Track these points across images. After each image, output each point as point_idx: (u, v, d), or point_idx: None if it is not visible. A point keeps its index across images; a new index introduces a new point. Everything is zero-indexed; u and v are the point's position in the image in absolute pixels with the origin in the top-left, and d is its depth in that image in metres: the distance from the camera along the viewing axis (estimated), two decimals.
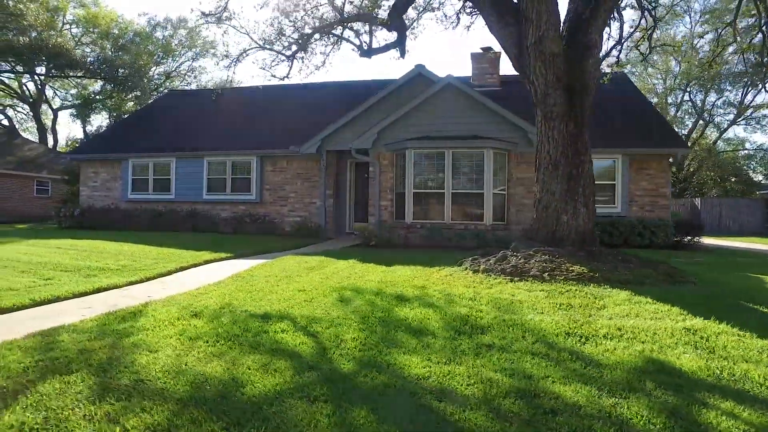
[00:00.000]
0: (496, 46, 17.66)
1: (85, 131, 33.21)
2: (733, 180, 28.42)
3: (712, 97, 28.41)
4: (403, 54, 11.90)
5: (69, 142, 32.45)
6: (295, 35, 11.90)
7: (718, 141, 30.45)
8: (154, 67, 28.85)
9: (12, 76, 26.96)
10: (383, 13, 11.77)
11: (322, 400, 2.80)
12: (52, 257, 8.46)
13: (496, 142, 12.65)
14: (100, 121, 33.69)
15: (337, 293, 5.82)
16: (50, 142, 31.16)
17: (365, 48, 12.28)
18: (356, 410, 2.68)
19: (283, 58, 12.95)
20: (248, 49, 12.55)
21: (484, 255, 7.16)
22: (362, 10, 11.36)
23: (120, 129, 19.62)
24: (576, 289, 5.49)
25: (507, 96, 15.15)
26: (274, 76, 13.41)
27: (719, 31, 13.20)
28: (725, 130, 29.94)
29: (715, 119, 29.62)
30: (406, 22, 12.19)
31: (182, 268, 8.09)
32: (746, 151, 30.84)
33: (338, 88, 18.23)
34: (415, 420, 2.61)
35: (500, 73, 17.64)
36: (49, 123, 31.89)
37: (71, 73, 25.86)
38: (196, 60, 31.14)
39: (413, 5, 11.08)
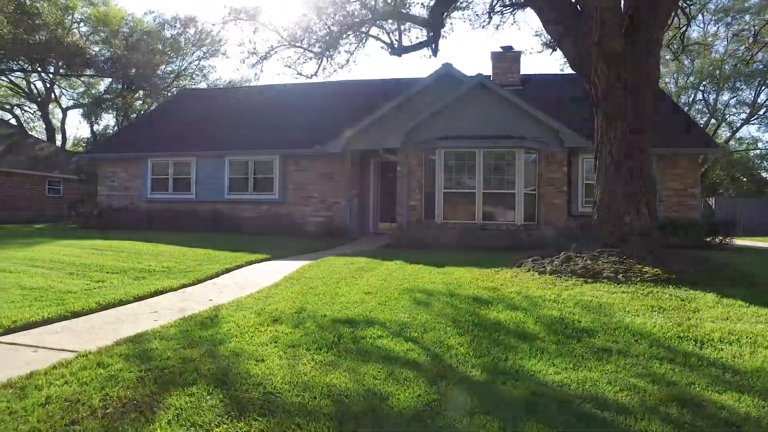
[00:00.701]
0: (517, 46, 17.53)
1: (93, 131, 32.92)
2: (744, 180, 28.39)
3: (725, 96, 28.44)
4: (435, 53, 11.77)
5: (77, 142, 32.19)
6: (324, 32, 11.70)
7: (731, 140, 30.44)
8: (163, 66, 28.59)
9: (21, 75, 26.70)
10: (416, 11, 11.62)
11: (480, 412, 2.64)
12: (92, 258, 8.27)
13: (527, 142, 12.52)
14: (107, 120, 33.53)
15: (408, 296, 5.66)
16: (58, 141, 30.85)
17: (396, 46, 12.10)
18: (525, 424, 2.52)
19: (311, 55, 12.77)
20: (277, 47, 12.37)
21: (543, 255, 7.02)
22: (395, 8, 11.19)
23: (136, 128, 19.40)
24: (658, 291, 5.36)
25: (527, 95, 15.01)
26: (301, 74, 13.25)
27: (756, 28, 13.06)
28: (738, 129, 29.97)
29: (728, 118, 29.62)
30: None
31: (227, 270, 7.91)
32: (759, 151, 30.84)
33: (360, 86, 18.05)
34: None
35: (521, 72, 17.57)
36: (56, 122, 31.65)
37: (85, 72, 25.57)
38: (207, 59, 30.96)
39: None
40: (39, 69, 24.30)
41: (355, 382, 3.09)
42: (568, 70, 28.34)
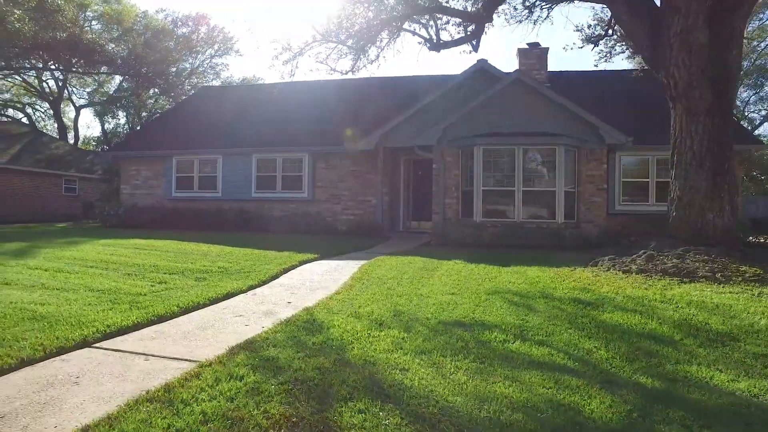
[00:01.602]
0: (544, 42, 17.25)
1: (104, 129, 32.54)
2: (762, 178, 28.16)
3: (746, 93, 28.11)
4: (476, 48, 11.55)
5: (86, 140, 31.83)
6: (363, 27, 11.43)
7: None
8: (177, 64, 28.21)
9: (33, 73, 26.31)
10: (456, 4, 11.34)
11: (678, 423, 2.39)
12: (142, 258, 7.99)
13: (567, 139, 12.25)
14: (118, 119, 33.12)
15: (498, 297, 5.41)
16: (70, 140, 30.47)
17: (434, 41, 11.82)
18: None
19: (345, 51, 12.51)
20: (312, 42, 12.08)
21: (618, 254, 6.76)
22: (436, 2, 10.91)
23: (158, 126, 19.09)
24: None
25: (556, 92, 14.75)
26: (335, 70, 13.00)
27: None
28: (758, 125, 29.63)
29: (748, 116, 29.31)
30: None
31: (284, 270, 7.64)
32: None
33: (389, 83, 17.74)
34: None
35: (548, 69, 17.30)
36: (67, 121, 31.23)
37: (101, 70, 25.22)
38: (219, 57, 30.57)
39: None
40: (57, 67, 23.93)
41: (528, 391, 2.84)
42: (602, 66, 27.92)
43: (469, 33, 11.43)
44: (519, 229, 12.11)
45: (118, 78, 31.24)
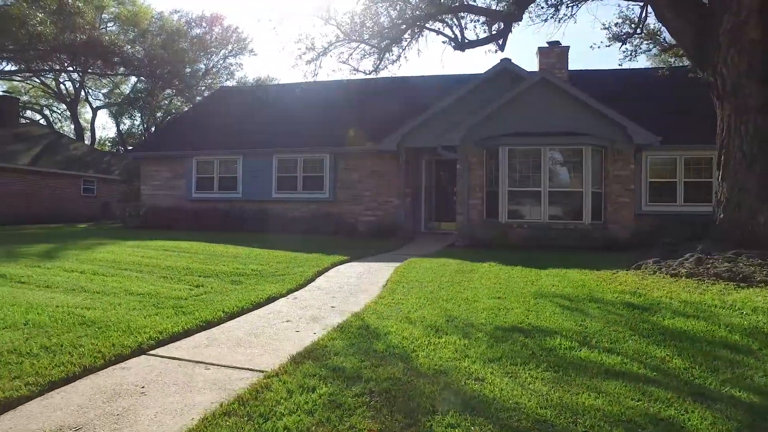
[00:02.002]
0: (565, 41, 17.00)
1: (119, 130, 32.75)
2: None
3: None
4: (502, 47, 11.42)
5: (102, 142, 32.05)
6: (387, 26, 11.31)
7: None
8: (192, 65, 28.26)
9: (51, 75, 26.54)
10: (483, 2, 11.19)
11: None
12: (172, 261, 7.94)
13: (594, 139, 12.06)
14: (132, 120, 33.30)
15: (547, 301, 5.27)
16: (86, 141, 30.68)
17: (459, 41, 11.68)
18: None
19: (369, 50, 12.40)
20: (335, 42, 11.99)
21: (663, 257, 6.58)
22: (464, 1, 10.77)
23: (176, 127, 19.11)
24: None
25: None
26: (357, 70, 12.89)
27: None
28: None
29: None
30: None
31: (319, 273, 7.54)
32: None
33: (409, 83, 17.61)
34: None
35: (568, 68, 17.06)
36: (83, 122, 31.43)
37: (119, 71, 25.39)
38: (233, 57, 30.62)
39: None
40: (76, 68, 24.12)
41: (617, 403, 2.71)
42: (628, 65, 27.42)
43: (494, 32, 11.26)
44: (546, 231, 11.94)
45: (133, 79, 31.44)
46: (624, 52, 12.48)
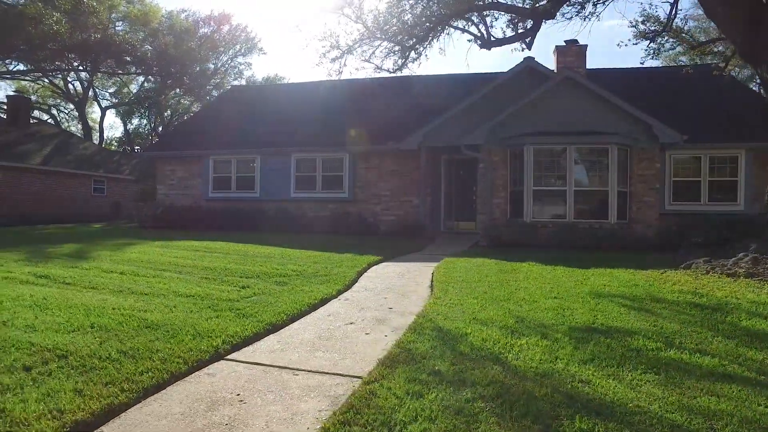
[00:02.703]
0: (587, 39, 16.90)
1: (126, 130, 32.58)
2: None
3: None
4: (530, 46, 11.26)
5: (109, 141, 31.87)
6: (415, 24, 11.18)
7: None
8: (202, 64, 28.07)
9: (59, 74, 26.37)
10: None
11: None
12: (209, 261, 7.82)
13: (619, 138, 11.97)
14: (142, 119, 33.13)
15: (606, 300, 5.20)
16: (95, 140, 30.49)
17: (485, 39, 11.56)
18: None
19: (394, 49, 12.26)
20: (360, 39, 11.85)
21: (713, 256, 6.49)
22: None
23: (191, 126, 18.94)
24: None
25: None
26: (380, 68, 12.74)
27: None
28: None
29: None
30: None
31: (359, 273, 7.44)
32: None
33: (430, 81, 17.45)
34: None
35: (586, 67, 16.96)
36: (90, 122, 31.18)
37: (131, 70, 25.23)
38: (243, 56, 30.47)
39: None
40: (86, 67, 23.92)
41: (745, 407, 2.62)
42: (650, 63, 27.09)
43: (521, 31, 11.13)
44: (571, 230, 11.83)
45: (140, 78, 31.26)
46: (647, 50, 12.25)
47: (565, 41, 17.30)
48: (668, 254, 9.75)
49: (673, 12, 10.70)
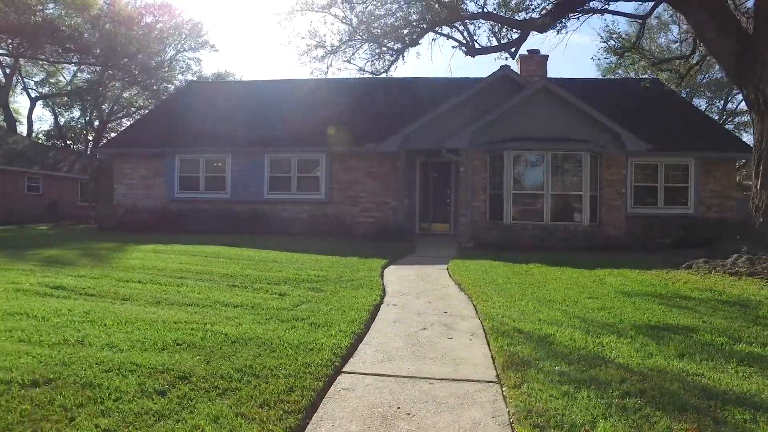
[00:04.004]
0: (559, 52, 17.70)
1: (57, 123, 29.64)
2: None
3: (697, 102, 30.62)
4: (514, 55, 11.79)
5: (35, 135, 28.89)
6: (407, 29, 11.33)
7: None
8: (150, 56, 26.18)
9: None
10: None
11: None
12: (221, 267, 7.47)
13: (591, 145, 12.81)
14: (71, 112, 30.31)
15: (641, 300, 5.65)
16: (21, 133, 27.53)
17: (471, 46, 11.96)
18: None
19: (378, 51, 12.35)
20: (348, 40, 11.81)
21: (711, 257, 7.20)
22: (489, 8, 11.03)
23: (149, 123, 17.75)
24: None
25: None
26: (363, 70, 12.78)
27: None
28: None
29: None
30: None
31: (380, 276, 7.45)
32: None
33: (407, 84, 17.58)
34: None
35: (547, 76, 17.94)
36: (15, 115, 28.11)
37: (76, 59, 22.95)
38: (194, 51, 28.76)
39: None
40: (23, 52, 21.42)
41: None
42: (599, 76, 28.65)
43: (505, 41, 11.63)
44: (549, 231, 12.51)
45: (73, 68, 28.76)
46: (609, 64, 13.22)
47: (528, 50, 18.13)
48: (641, 254, 10.67)
49: (641, 31, 11.61)
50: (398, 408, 2.91)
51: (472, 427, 2.68)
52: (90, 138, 30.53)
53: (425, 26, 11.25)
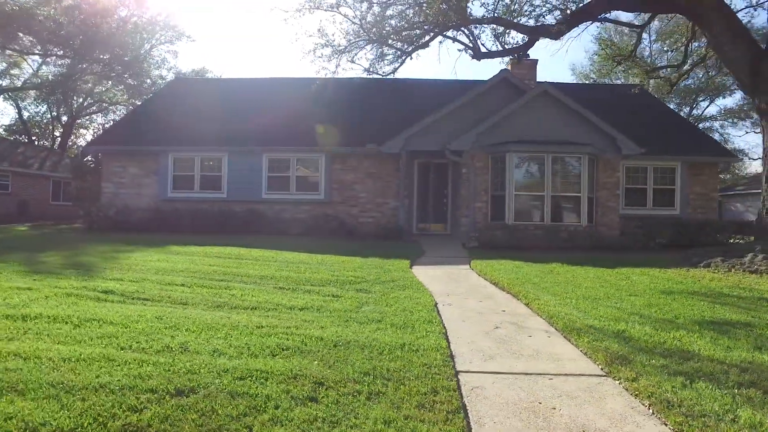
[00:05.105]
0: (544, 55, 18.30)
1: (21, 117, 27.99)
2: None
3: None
4: (521, 59, 12.07)
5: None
6: (417, 31, 11.44)
7: None
8: (125, 48, 25.10)
9: None
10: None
11: None
12: (252, 269, 7.35)
13: (590, 148, 13.26)
14: (37, 106, 28.65)
15: (684, 297, 5.95)
16: None
17: (477, 50, 12.17)
18: None
19: (382, 51, 12.41)
20: (356, 40, 11.81)
21: (726, 256, 7.64)
22: (496, 13, 11.26)
23: (138, 120, 17.08)
24: None
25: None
26: (369, 71, 12.81)
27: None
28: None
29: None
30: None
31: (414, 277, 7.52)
32: None
33: (409, 86, 17.62)
34: None
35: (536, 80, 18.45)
36: None
37: (54, 51, 21.59)
38: (171, 44, 27.78)
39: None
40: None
41: None
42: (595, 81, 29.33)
43: (513, 45, 11.91)
44: (550, 232, 12.90)
45: (37, 59, 27.28)
46: (600, 69, 13.76)
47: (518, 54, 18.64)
48: (642, 253, 11.21)
49: (638, 41, 12.17)
50: (540, 403, 3.01)
51: (621, 418, 2.81)
52: (57, 134, 29.07)
53: (437, 30, 11.36)
